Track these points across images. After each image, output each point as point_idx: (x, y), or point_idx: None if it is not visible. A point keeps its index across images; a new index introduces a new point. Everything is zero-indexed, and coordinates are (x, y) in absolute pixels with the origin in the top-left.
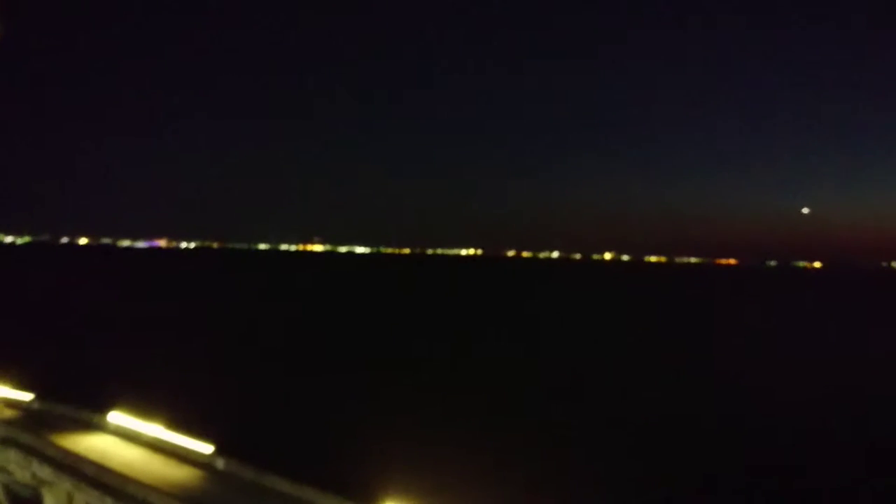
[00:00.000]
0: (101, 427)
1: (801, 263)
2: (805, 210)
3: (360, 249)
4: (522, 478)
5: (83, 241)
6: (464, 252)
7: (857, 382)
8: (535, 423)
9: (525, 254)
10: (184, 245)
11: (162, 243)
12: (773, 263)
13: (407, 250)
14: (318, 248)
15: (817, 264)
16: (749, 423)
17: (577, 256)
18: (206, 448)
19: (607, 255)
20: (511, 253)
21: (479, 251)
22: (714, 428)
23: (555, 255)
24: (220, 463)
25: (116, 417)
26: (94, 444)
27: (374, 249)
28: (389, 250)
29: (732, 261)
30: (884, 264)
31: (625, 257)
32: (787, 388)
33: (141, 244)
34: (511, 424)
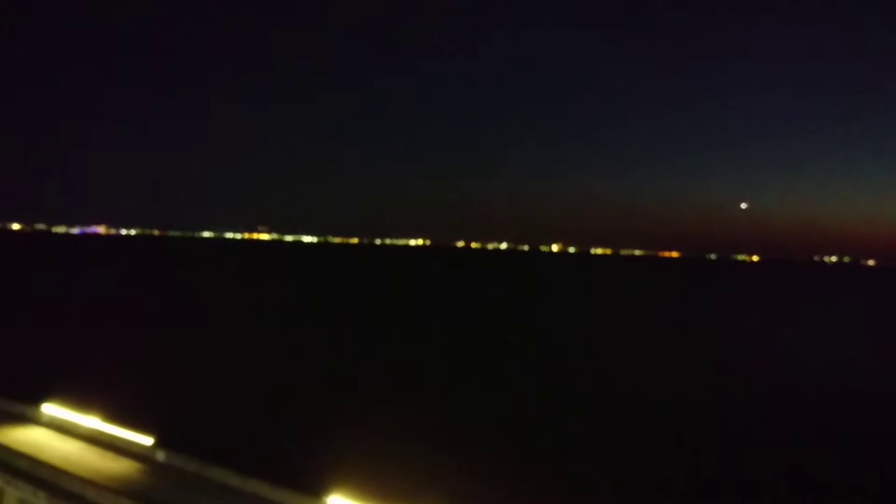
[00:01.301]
0: (35, 419)
1: (741, 257)
2: (743, 205)
3: (307, 238)
4: (476, 474)
5: (15, 226)
6: (412, 242)
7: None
8: (491, 418)
9: (474, 244)
10: (124, 232)
11: (101, 230)
12: (713, 256)
13: (355, 240)
14: (263, 236)
15: (755, 258)
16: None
17: (525, 248)
18: (145, 440)
19: (555, 247)
20: (460, 243)
21: (428, 241)
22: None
23: (503, 245)
24: (160, 455)
25: (51, 409)
26: (27, 437)
27: (322, 239)
28: (337, 240)
29: (675, 253)
30: (815, 258)
31: (571, 249)
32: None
33: (77, 230)
34: (466, 419)
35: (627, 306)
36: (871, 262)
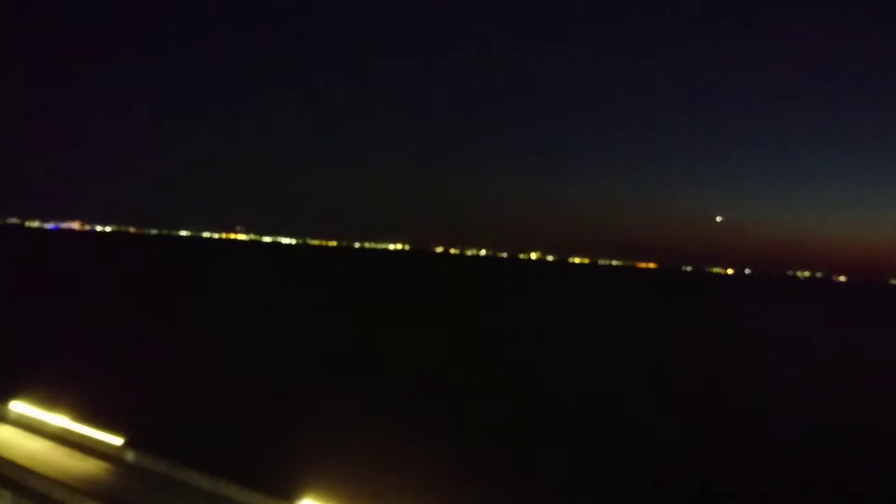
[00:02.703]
0: (1, 417)
1: (716, 269)
2: (718, 218)
3: (285, 240)
4: (452, 478)
5: None
6: (391, 246)
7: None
8: (469, 422)
9: (453, 250)
10: (99, 228)
11: (75, 226)
12: (688, 268)
13: (334, 242)
14: (241, 236)
15: (730, 271)
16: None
17: (504, 255)
18: (115, 440)
19: (533, 255)
20: (439, 248)
21: (407, 246)
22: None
23: (482, 252)
24: (129, 455)
25: (18, 407)
26: None
27: (301, 240)
28: (316, 242)
29: (652, 264)
30: (789, 272)
31: (550, 257)
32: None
33: (50, 226)
34: (442, 424)
35: (610, 314)
36: (842, 279)
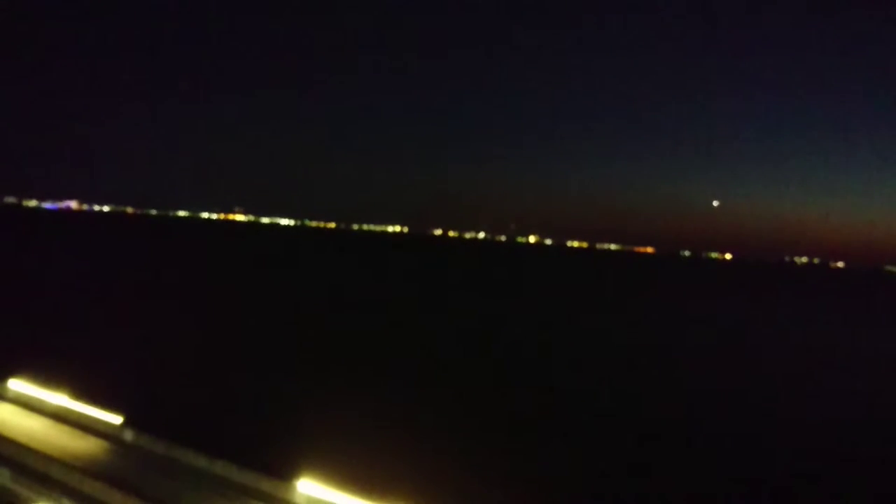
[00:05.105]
0: (1, 395)
1: (714, 255)
2: (715, 203)
3: (283, 221)
4: (452, 465)
5: None
6: (390, 229)
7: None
8: (470, 410)
9: (451, 233)
10: (97, 208)
11: (73, 205)
12: (686, 253)
13: (332, 224)
14: (239, 217)
15: (728, 256)
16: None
17: (503, 238)
18: (114, 419)
19: (532, 238)
20: (437, 231)
21: (406, 228)
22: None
23: (481, 235)
24: (128, 435)
25: (17, 385)
26: None
27: (299, 222)
28: (314, 224)
29: (650, 249)
30: (786, 258)
31: (548, 241)
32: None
33: (49, 205)
34: (443, 411)
35: (612, 301)
36: (840, 264)
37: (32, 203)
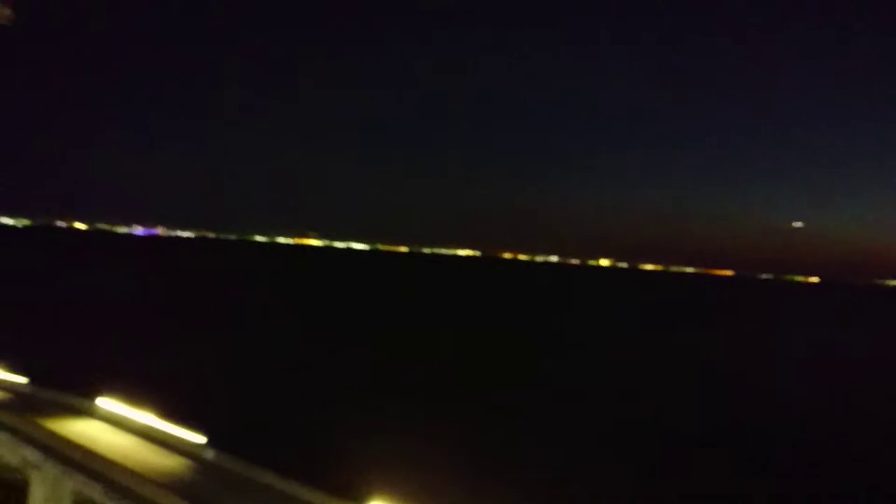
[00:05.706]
0: (91, 413)
1: (798, 278)
2: (797, 224)
3: (357, 246)
4: (510, 478)
5: (80, 225)
6: (461, 252)
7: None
8: (528, 426)
9: (522, 256)
10: (180, 234)
11: (159, 231)
12: (767, 276)
13: (404, 248)
14: (313, 242)
15: (814, 279)
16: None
17: (575, 261)
18: (197, 438)
19: (604, 262)
20: (508, 255)
21: (477, 252)
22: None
23: (553, 258)
24: (209, 454)
25: (106, 403)
26: (83, 430)
27: (372, 246)
28: (386, 247)
29: (728, 272)
30: (877, 281)
31: (622, 264)
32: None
33: (140, 231)
34: (505, 427)
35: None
36: None
37: (123, 229)
